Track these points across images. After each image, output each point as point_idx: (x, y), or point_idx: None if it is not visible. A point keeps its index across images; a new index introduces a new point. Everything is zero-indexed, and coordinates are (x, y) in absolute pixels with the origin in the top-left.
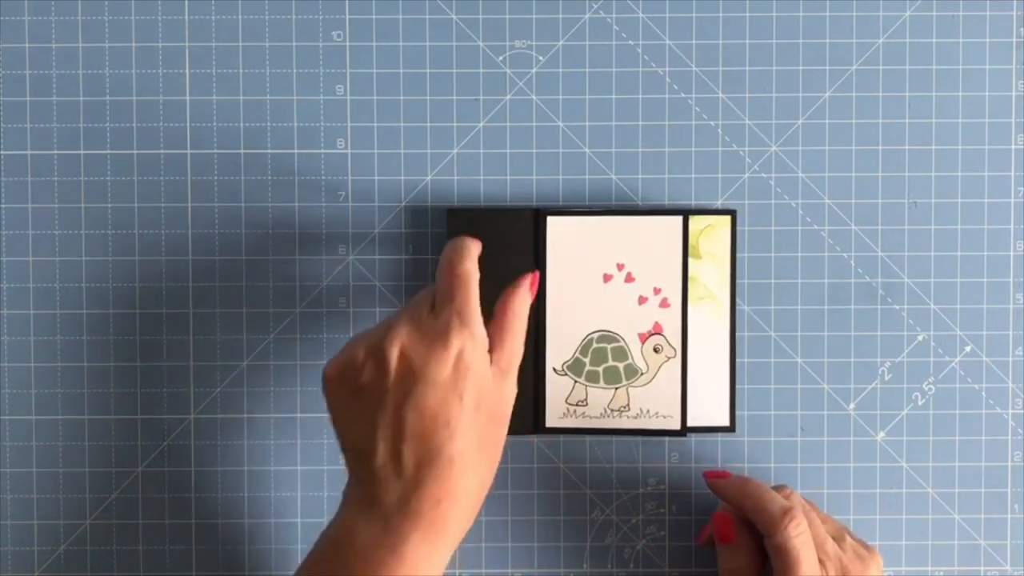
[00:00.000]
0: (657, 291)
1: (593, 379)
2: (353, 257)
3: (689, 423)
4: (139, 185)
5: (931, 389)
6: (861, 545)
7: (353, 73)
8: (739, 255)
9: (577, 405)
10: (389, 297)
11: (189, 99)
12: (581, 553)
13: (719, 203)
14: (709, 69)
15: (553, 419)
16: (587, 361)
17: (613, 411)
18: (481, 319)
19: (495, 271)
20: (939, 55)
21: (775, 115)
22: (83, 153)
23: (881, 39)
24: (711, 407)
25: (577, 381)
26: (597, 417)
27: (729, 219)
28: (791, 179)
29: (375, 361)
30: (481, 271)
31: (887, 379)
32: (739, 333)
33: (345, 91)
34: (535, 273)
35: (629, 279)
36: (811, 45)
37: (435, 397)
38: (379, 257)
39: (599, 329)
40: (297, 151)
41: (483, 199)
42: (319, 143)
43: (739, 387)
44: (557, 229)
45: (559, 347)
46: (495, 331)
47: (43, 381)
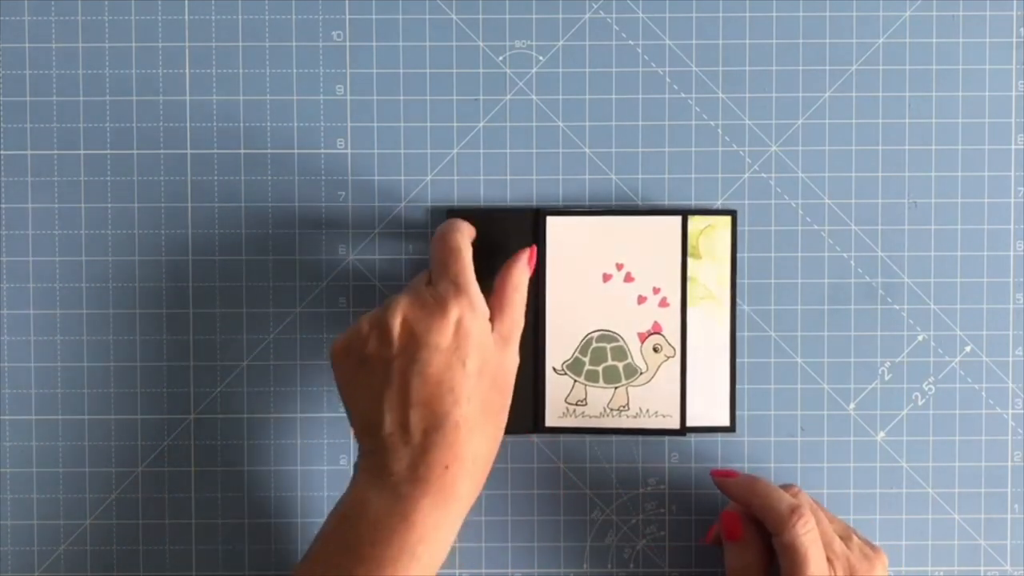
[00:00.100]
0: (656, 291)
1: (592, 378)
2: (353, 257)
3: (689, 423)
4: (139, 185)
5: (931, 389)
6: (867, 545)
7: (353, 73)
8: (739, 255)
9: (577, 404)
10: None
11: (189, 99)
12: (581, 553)
13: (719, 203)
14: (709, 69)
15: (553, 418)
16: (586, 360)
17: (613, 410)
18: (478, 287)
19: (495, 271)
20: (939, 55)
21: (775, 115)
22: (83, 153)
23: (881, 39)
24: (711, 407)
25: (576, 380)
26: (597, 416)
27: (729, 219)
28: (791, 179)
29: (379, 332)
30: (481, 271)
31: (887, 379)
32: (739, 333)
33: (345, 91)
34: (533, 247)
35: (628, 279)
36: (811, 45)
37: (438, 363)
38: (379, 257)
39: (598, 329)
40: (297, 151)
41: (483, 199)
42: (319, 143)
43: (739, 387)
44: (557, 229)
45: (559, 346)
46: (495, 302)
47: (43, 381)
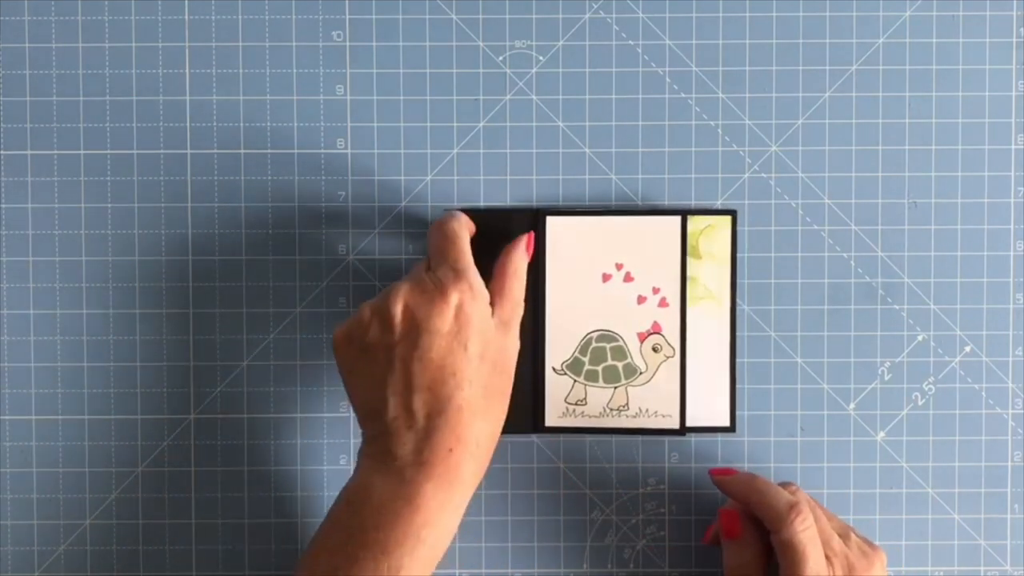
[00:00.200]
0: (656, 291)
1: (592, 378)
2: (353, 257)
3: (689, 423)
4: (139, 185)
5: (931, 389)
6: (866, 543)
7: (353, 73)
8: (739, 255)
9: (576, 404)
10: None
11: (189, 99)
12: (581, 553)
13: (719, 203)
14: (709, 69)
15: (552, 418)
16: (586, 360)
17: (612, 410)
18: (477, 272)
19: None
20: (939, 55)
21: (775, 115)
22: (83, 153)
23: (881, 39)
24: (711, 407)
25: (576, 380)
26: (596, 416)
27: (729, 219)
28: (791, 179)
29: (380, 319)
30: (482, 271)
31: (887, 379)
32: (739, 333)
33: (345, 91)
34: (531, 233)
35: (628, 279)
36: (811, 45)
37: (440, 348)
38: (379, 257)
39: (598, 328)
40: (297, 151)
41: (483, 199)
42: (319, 143)
43: (739, 387)
44: (557, 229)
45: (558, 346)
46: (495, 287)
47: (43, 381)
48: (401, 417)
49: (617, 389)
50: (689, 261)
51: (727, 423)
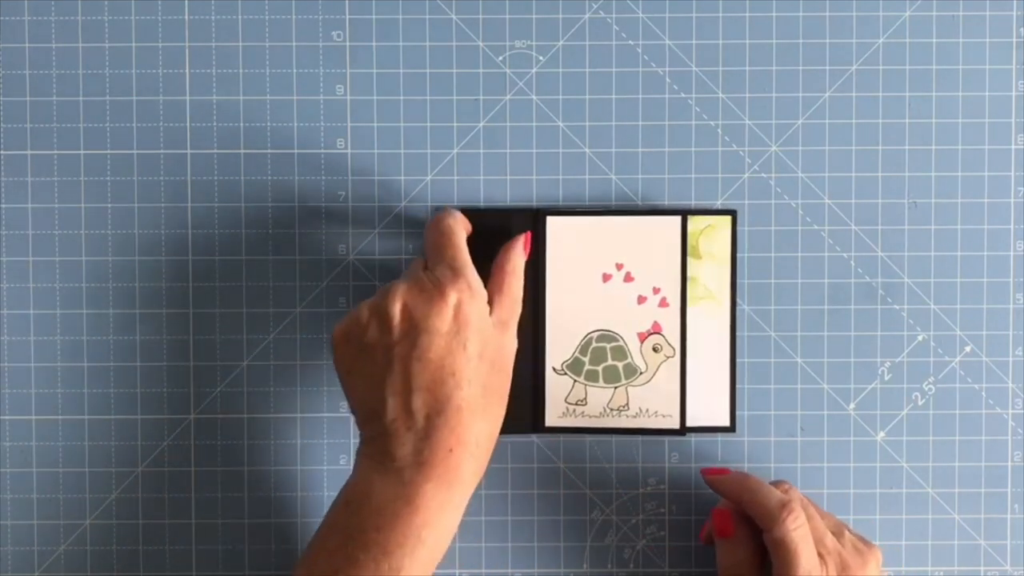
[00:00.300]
0: (656, 291)
1: (592, 378)
2: (353, 257)
3: (689, 423)
4: (139, 185)
5: (931, 389)
6: (860, 540)
7: (353, 73)
8: (739, 255)
9: (576, 404)
10: None
11: (189, 99)
12: (581, 553)
13: (719, 203)
14: (709, 69)
15: (553, 418)
16: (586, 360)
17: (612, 410)
18: (474, 270)
19: None
20: (939, 55)
21: (775, 115)
22: (83, 153)
23: (881, 39)
24: (711, 407)
25: (576, 380)
26: (596, 416)
27: (729, 219)
28: (791, 179)
29: (378, 319)
30: (481, 271)
31: (887, 379)
32: (739, 333)
33: (345, 91)
34: (528, 233)
35: (628, 279)
36: (811, 45)
37: (439, 347)
38: (379, 257)
39: (598, 328)
40: (297, 151)
41: (483, 199)
42: (319, 143)
43: (739, 387)
44: (557, 229)
45: (558, 346)
46: (493, 287)
47: (43, 381)
48: (400, 418)
49: (617, 389)
50: (689, 261)
51: (727, 423)
